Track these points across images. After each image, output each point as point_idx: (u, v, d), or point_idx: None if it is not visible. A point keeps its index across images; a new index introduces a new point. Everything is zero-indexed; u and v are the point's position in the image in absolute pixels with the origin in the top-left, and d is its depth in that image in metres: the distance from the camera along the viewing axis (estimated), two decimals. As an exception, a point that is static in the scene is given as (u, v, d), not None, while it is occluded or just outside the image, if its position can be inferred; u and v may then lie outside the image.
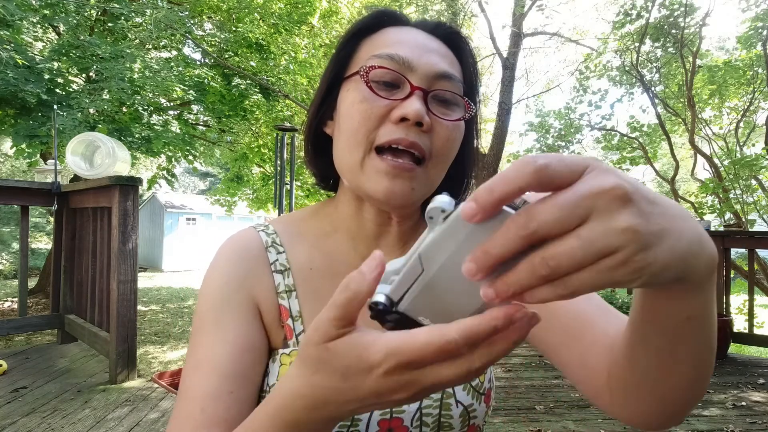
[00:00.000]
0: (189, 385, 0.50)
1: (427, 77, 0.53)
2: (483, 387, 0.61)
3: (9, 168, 17.20)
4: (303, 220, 0.65)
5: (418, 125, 0.51)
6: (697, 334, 0.35)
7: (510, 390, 3.18)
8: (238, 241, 0.60)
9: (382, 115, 0.52)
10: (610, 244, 0.23)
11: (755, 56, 6.13)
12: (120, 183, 3.13)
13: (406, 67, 0.53)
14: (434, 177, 0.55)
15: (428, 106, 0.53)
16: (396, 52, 0.53)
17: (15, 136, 5.26)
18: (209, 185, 30.58)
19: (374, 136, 0.52)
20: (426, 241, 0.29)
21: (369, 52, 0.55)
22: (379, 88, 0.53)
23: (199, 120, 8.27)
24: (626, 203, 0.24)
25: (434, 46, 0.56)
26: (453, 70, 0.56)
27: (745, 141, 6.87)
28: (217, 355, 0.50)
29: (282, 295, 0.57)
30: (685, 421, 2.65)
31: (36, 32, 5.85)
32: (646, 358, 0.39)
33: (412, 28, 0.59)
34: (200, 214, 17.44)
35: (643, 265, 0.24)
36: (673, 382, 0.39)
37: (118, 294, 3.10)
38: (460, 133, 0.57)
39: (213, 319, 0.53)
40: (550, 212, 0.24)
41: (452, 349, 0.28)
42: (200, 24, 7.16)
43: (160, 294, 9.39)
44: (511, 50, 7.79)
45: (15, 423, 2.50)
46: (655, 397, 0.41)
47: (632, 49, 6.70)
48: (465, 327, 0.27)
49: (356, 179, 0.54)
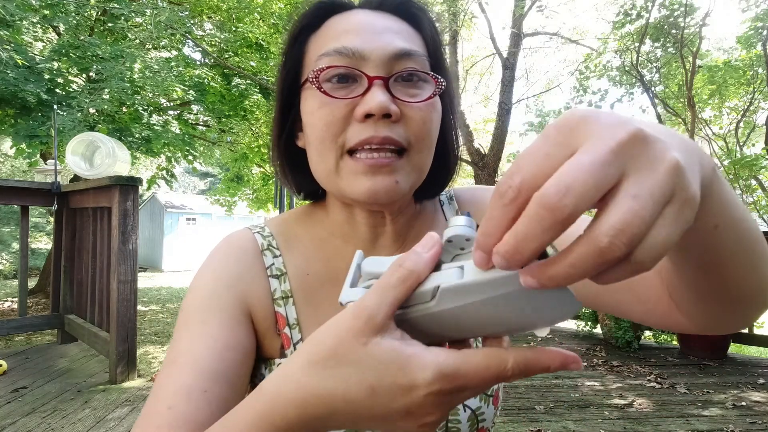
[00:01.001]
0: (161, 379, 0.46)
1: (383, 62, 0.48)
2: (491, 389, 0.59)
3: (9, 168, 17.20)
4: (299, 222, 0.62)
5: (387, 117, 0.47)
6: (733, 237, 0.33)
7: (510, 390, 3.18)
8: (233, 243, 0.57)
9: (345, 116, 0.48)
10: (667, 189, 0.21)
11: (755, 56, 6.14)
12: (120, 183, 3.14)
13: (358, 58, 0.48)
14: (420, 163, 0.51)
15: (392, 92, 0.48)
16: (343, 44, 0.48)
17: (15, 135, 5.25)
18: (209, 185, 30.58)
19: (343, 139, 0.48)
20: (453, 281, 0.26)
21: (316, 51, 0.51)
22: (335, 89, 0.48)
23: (199, 120, 8.27)
24: (651, 144, 0.22)
25: (385, 23, 0.51)
26: (412, 45, 0.50)
27: (745, 141, 6.87)
28: (196, 350, 0.46)
29: (278, 302, 0.54)
30: (686, 421, 2.65)
31: (36, 32, 5.85)
32: (695, 277, 0.37)
33: (358, 10, 0.53)
34: (200, 214, 17.43)
35: (695, 194, 0.22)
36: (734, 287, 0.37)
37: (118, 294, 3.10)
38: (436, 110, 0.52)
39: (198, 316, 0.50)
40: (583, 182, 0.20)
41: (504, 377, 0.26)
42: (200, 24, 7.15)
43: (160, 294, 9.39)
44: (511, 50, 7.79)
45: (15, 423, 2.50)
46: (724, 305, 0.39)
47: (632, 49, 6.70)
48: (523, 360, 0.26)
49: (335, 186, 0.51)
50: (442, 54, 0.55)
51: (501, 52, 8.04)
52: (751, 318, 0.42)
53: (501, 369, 0.26)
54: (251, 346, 0.52)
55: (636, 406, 2.89)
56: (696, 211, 0.22)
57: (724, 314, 0.41)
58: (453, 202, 0.65)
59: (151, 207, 17.64)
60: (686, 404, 2.91)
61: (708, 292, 0.39)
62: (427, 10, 0.55)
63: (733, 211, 0.32)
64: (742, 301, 0.39)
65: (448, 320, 0.27)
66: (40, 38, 6.10)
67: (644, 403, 2.94)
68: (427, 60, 0.52)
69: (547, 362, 0.26)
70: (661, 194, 0.21)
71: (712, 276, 0.36)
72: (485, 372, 0.26)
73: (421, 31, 0.54)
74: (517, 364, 0.26)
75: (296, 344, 0.54)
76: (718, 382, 3.31)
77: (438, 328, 0.28)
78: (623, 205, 0.20)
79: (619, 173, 0.21)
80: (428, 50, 0.53)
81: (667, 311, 0.46)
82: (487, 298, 0.25)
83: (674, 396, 3.06)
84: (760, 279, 0.37)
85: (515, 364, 0.26)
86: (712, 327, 0.44)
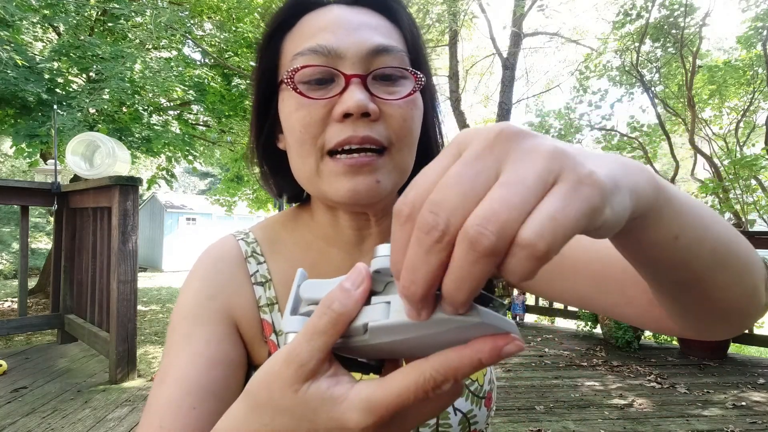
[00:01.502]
0: (152, 398, 0.46)
1: (360, 59, 0.47)
2: (483, 390, 0.58)
3: (9, 168, 17.20)
4: (283, 226, 0.60)
5: (366, 116, 0.46)
6: (702, 249, 0.32)
7: (510, 390, 3.18)
8: (216, 252, 0.56)
9: (323, 117, 0.47)
10: (544, 172, 0.20)
11: (755, 56, 6.13)
12: (120, 183, 3.14)
13: (334, 57, 0.46)
14: (401, 162, 0.50)
15: (371, 90, 0.47)
16: (318, 42, 0.47)
17: (15, 135, 5.26)
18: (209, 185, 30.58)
19: (322, 140, 0.47)
20: (380, 320, 0.25)
21: (291, 50, 0.49)
22: (312, 89, 0.47)
23: (199, 120, 8.28)
24: (523, 139, 0.21)
25: (361, 19, 0.49)
26: (389, 41, 0.49)
27: (745, 141, 6.87)
28: (183, 368, 0.46)
29: (264, 309, 0.54)
30: (686, 421, 2.65)
31: (36, 32, 5.85)
32: (675, 293, 0.37)
33: (333, 6, 0.51)
34: (200, 214, 17.44)
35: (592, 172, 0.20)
36: (718, 300, 0.36)
37: (118, 294, 3.11)
38: (417, 107, 0.50)
39: (184, 331, 0.49)
40: (452, 192, 0.20)
41: (433, 388, 0.24)
42: (200, 24, 7.15)
43: (160, 294, 9.39)
44: (511, 50, 7.80)
45: (15, 423, 2.50)
46: (713, 316, 0.39)
47: (632, 49, 6.70)
48: (442, 363, 0.24)
49: (317, 188, 0.50)
50: (421, 48, 0.54)
51: (501, 52, 8.05)
52: (745, 325, 0.41)
53: (420, 381, 0.24)
54: (239, 357, 0.51)
55: (636, 406, 2.89)
56: (603, 192, 0.21)
57: (714, 324, 0.40)
58: None
59: (151, 207, 17.64)
60: (686, 404, 2.91)
61: (692, 306, 0.38)
62: (403, 2, 0.53)
63: (694, 220, 0.31)
64: (731, 311, 0.38)
65: (387, 349, 0.27)
66: (40, 38, 6.10)
67: (644, 403, 2.94)
68: (406, 55, 0.50)
69: (474, 355, 0.23)
70: (535, 178, 0.20)
71: (693, 291, 0.36)
72: (408, 391, 0.24)
73: (399, 25, 0.52)
74: (436, 370, 0.24)
75: None
76: (718, 382, 3.31)
77: (380, 353, 0.28)
78: (491, 194, 0.20)
79: (494, 173, 0.21)
80: (407, 45, 0.52)
81: (659, 316, 0.45)
82: (416, 336, 0.25)
83: (674, 396, 3.06)
84: (746, 288, 0.37)
85: (434, 371, 0.24)
86: (705, 335, 0.43)
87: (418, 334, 0.25)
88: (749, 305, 0.38)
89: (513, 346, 0.23)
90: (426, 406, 0.26)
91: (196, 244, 16.46)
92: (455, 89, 8.12)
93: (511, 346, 0.23)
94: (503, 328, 0.24)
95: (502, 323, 0.24)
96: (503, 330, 0.24)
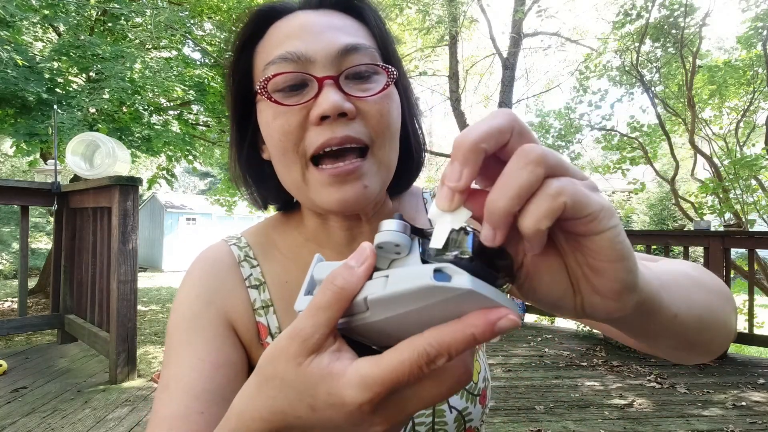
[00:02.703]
0: (158, 405, 0.47)
1: (330, 61, 0.47)
2: (477, 388, 0.58)
3: (9, 168, 17.19)
4: (275, 229, 0.61)
5: (343, 116, 0.46)
6: (689, 314, 0.35)
7: (510, 390, 3.18)
8: (209, 257, 0.57)
9: (301, 122, 0.47)
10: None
11: (755, 56, 6.13)
12: (120, 183, 3.14)
13: (304, 62, 0.47)
14: (385, 159, 0.50)
15: (345, 90, 0.47)
16: (286, 50, 0.47)
17: (15, 134, 5.26)
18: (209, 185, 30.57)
19: (303, 147, 0.47)
20: (380, 291, 0.25)
21: (263, 60, 0.50)
22: (286, 96, 0.47)
23: (199, 120, 8.28)
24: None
25: (327, 21, 0.50)
26: (357, 39, 0.49)
27: (745, 141, 6.86)
28: (187, 373, 0.47)
29: (259, 312, 0.54)
30: (686, 421, 2.65)
31: (36, 32, 5.85)
32: (656, 346, 0.39)
33: (298, 12, 0.52)
34: (200, 214, 17.43)
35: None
36: (699, 346, 0.39)
37: (118, 294, 3.10)
38: (392, 102, 0.50)
39: (183, 337, 0.50)
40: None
41: (428, 362, 0.24)
42: (200, 24, 7.15)
43: (160, 294, 9.39)
44: (511, 50, 7.80)
45: (15, 423, 2.50)
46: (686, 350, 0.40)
47: (632, 49, 6.70)
48: (436, 337, 0.24)
49: (305, 197, 0.50)
50: (391, 43, 0.54)
51: (501, 52, 8.04)
52: (720, 351, 0.43)
53: (414, 356, 0.24)
54: (241, 359, 0.52)
55: (636, 406, 2.89)
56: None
57: (688, 356, 0.42)
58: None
59: (151, 207, 17.64)
60: (686, 404, 2.91)
61: (674, 352, 0.40)
62: (369, 1, 0.54)
63: (683, 295, 0.35)
64: (710, 351, 0.40)
65: (388, 327, 0.27)
66: (41, 38, 6.10)
67: (644, 403, 2.94)
68: (376, 51, 0.51)
69: (467, 329, 0.24)
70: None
71: (679, 347, 0.38)
72: (402, 365, 0.24)
73: (366, 23, 0.53)
74: (429, 344, 0.24)
75: None
76: (718, 382, 3.31)
77: (383, 334, 0.28)
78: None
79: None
80: (376, 41, 0.52)
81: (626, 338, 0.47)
82: (414, 309, 0.25)
83: (674, 396, 3.06)
84: (725, 332, 0.39)
85: (428, 345, 0.24)
86: (680, 362, 0.45)
87: (416, 306, 0.25)
88: (725, 341, 0.41)
89: (507, 321, 0.23)
90: (426, 388, 0.26)
91: (196, 244, 16.45)
92: (455, 89, 8.12)
93: (505, 321, 0.23)
94: (498, 303, 0.24)
95: (497, 297, 0.24)
96: (498, 304, 0.24)
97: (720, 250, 4.12)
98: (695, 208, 6.36)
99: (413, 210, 0.63)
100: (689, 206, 6.79)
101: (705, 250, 4.25)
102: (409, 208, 0.63)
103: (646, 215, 13.62)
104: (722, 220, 5.91)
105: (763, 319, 5.13)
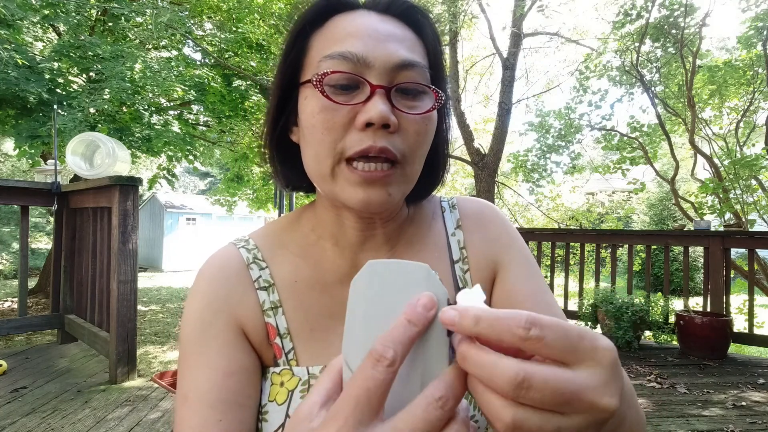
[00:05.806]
0: (179, 418, 0.49)
1: (386, 71, 0.48)
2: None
3: (9, 168, 17.19)
4: (284, 230, 0.61)
5: (385, 127, 0.47)
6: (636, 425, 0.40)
7: (510, 390, 3.17)
8: (218, 261, 0.57)
9: (346, 122, 0.48)
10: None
11: (755, 56, 6.13)
12: (120, 183, 3.14)
13: (362, 65, 0.48)
14: (411, 174, 0.52)
15: (393, 103, 0.48)
16: (348, 49, 0.48)
17: (17, 137, 5.26)
18: (209, 185, 30.57)
19: (342, 146, 0.48)
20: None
21: (320, 51, 0.50)
22: (337, 94, 0.48)
23: (200, 120, 8.28)
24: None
25: (390, 29, 0.50)
26: (415, 56, 0.50)
27: (745, 141, 6.85)
28: (202, 384, 0.49)
29: (268, 313, 0.55)
30: (686, 421, 2.65)
31: (36, 32, 5.85)
32: None
33: (363, 11, 0.52)
34: (200, 214, 17.42)
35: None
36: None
37: (118, 294, 3.11)
38: (432, 123, 0.52)
39: (196, 347, 0.52)
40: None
41: (378, 360, 0.27)
42: (200, 24, 7.15)
43: (160, 294, 9.39)
44: (511, 50, 7.79)
45: (15, 423, 2.50)
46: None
47: (632, 49, 6.70)
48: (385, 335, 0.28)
49: (329, 189, 0.51)
50: (442, 64, 0.55)
51: (501, 52, 8.04)
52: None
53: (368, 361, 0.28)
54: (253, 363, 0.54)
55: (636, 406, 2.89)
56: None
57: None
58: (455, 211, 0.65)
59: (151, 207, 17.63)
60: (686, 404, 2.91)
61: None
62: (431, 17, 0.55)
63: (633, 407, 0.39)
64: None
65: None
66: (41, 38, 6.10)
67: (644, 403, 2.94)
68: (428, 71, 0.52)
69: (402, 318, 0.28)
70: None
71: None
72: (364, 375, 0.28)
73: (423, 39, 0.54)
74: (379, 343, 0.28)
75: (287, 353, 0.54)
76: (718, 382, 3.31)
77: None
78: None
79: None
80: (429, 60, 0.53)
81: None
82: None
83: (674, 396, 3.06)
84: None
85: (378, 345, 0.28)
86: None
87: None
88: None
89: (424, 297, 0.28)
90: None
91: (196, 244, 16.46)
92: (455, 89, 8.11)
93: (423, 298, 0.28)
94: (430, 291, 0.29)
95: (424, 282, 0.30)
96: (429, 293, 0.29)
97: (720, 250, 4.13)
98: (695, 208, 6.36)
99: (429, 217, 0.64)
100: (689, 206, 6.79)
101: (705, 250, 4.26)
102: (425, 215, 0.64)
103: (646, 215, 13.61)
104: (722, 220, 5.91)
105: (763, 319, 5.13)
